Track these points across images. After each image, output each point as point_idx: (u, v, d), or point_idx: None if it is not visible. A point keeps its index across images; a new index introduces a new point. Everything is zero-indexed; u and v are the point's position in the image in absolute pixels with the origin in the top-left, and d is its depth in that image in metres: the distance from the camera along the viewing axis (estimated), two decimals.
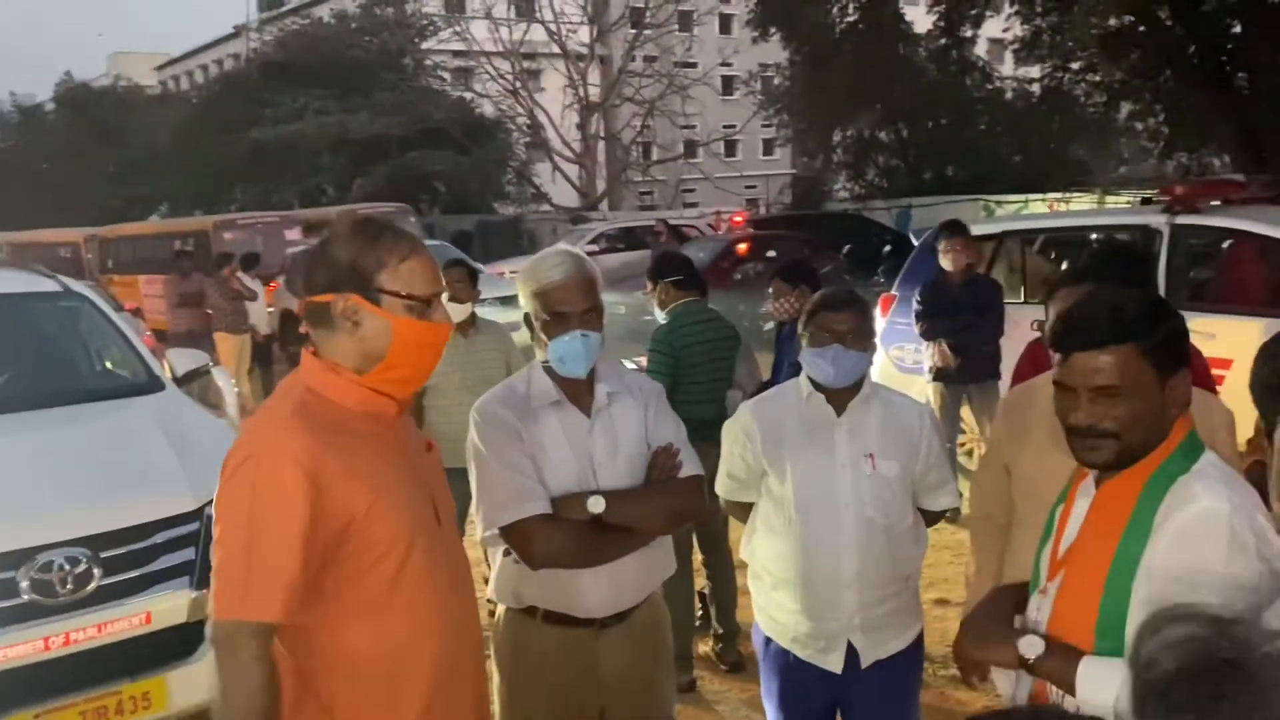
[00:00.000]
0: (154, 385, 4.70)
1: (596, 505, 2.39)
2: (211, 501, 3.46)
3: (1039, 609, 1.84)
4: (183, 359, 5.25)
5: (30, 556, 3.27)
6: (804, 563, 2.65)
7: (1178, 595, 1.07)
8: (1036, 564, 1.90)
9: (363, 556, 1.82)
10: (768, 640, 2.82)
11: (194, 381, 5.28)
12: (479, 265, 9.74)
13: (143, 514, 3.51)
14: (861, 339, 2.65)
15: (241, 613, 1.74)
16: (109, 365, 5.07)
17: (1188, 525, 1.63)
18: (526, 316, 2.53)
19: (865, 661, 2.67)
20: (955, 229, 6.49)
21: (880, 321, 6.98)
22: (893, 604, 2.70)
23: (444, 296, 1.99)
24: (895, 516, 2.67)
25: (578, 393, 2.52)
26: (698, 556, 4.68)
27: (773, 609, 2.78)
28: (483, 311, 5.30)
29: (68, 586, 3.29)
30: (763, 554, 2.78)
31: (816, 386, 2.69)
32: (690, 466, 2.55)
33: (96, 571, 3.34)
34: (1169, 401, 1.72)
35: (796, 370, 2.83)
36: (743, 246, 14.99)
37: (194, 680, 3.42)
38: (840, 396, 2.67)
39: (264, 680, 1.75)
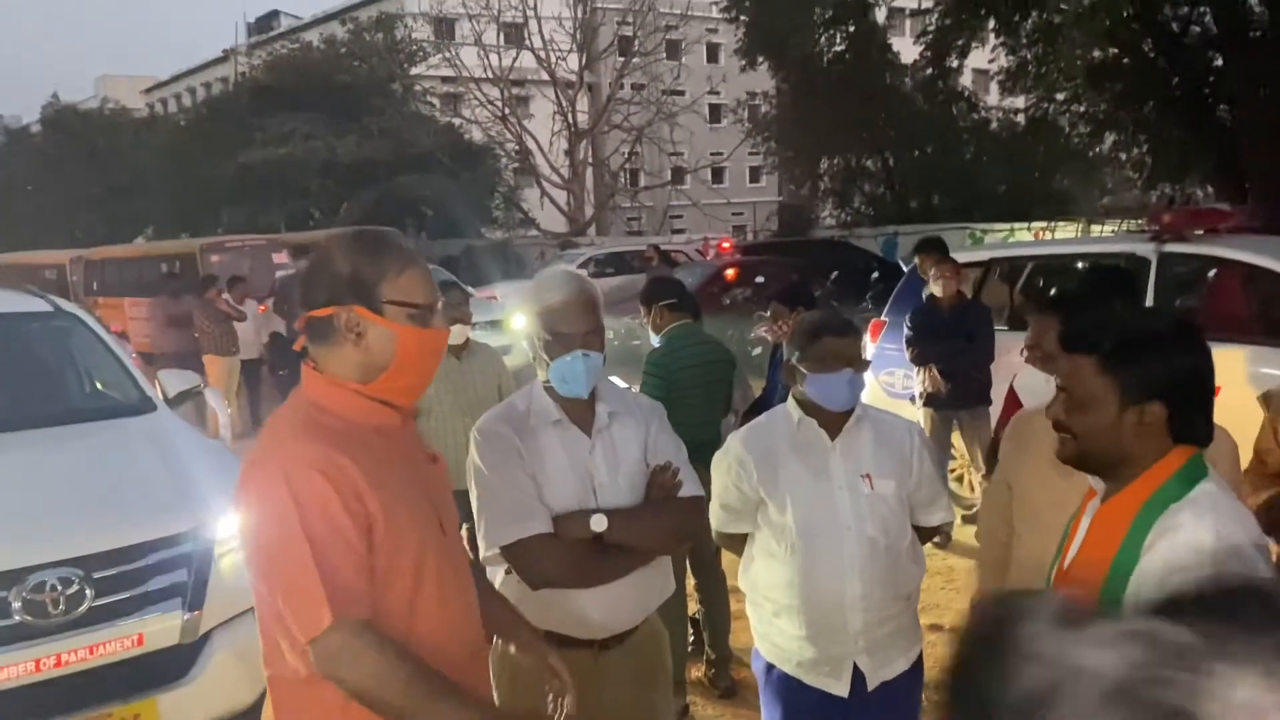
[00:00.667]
0: (146, 406, 4.69)
1: (599, 524, 2.39)
2: (204, 524, 3.53)
3: None
4: (174, 380, 5.22)
5: (22, 577, 3.24)
6: (808, 588, 2.64)
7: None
8: (1048, 580, 1.91)
9: (380, 567, 1.81)
10: (769, 666, 2.79)
11: (185, 402, 5.26)
12: (469, 289, 9.76)
13: (135, 535, 3.49)
14: (863, 361, 2.71)
15: (342, 614, 1.71)
16: (100, 386, 5.05)
17: (1172, 555, 1.63)
18: (528, 336, 2.54)
19: (872, 684, 2.66)
20: (933, 247, 6.51)
21: (870, 347, 7.01)
22: (895, 624, 2.70)
23: (446, 316, 2.00)
24: (895, 535, 2.68)
25: (579, 412, 2.52)
26: (690, 581, 4.67)
27: (775, 635, 2.76)
28: (472, 335, 5.31)
29: (60, 607, 3.26)
30: (763, 582, 2.76)
31: (807, 411, 2.70)
32: (691, 486, 2.56)
33: (89, 592, 3.31)
34: (1130, 427, 1.71)
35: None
36: (731, 272, 15.03)
37: (185, 703, 3.40)
38: (833, 419, 2.68)
39: (398, 651, 1.73)
